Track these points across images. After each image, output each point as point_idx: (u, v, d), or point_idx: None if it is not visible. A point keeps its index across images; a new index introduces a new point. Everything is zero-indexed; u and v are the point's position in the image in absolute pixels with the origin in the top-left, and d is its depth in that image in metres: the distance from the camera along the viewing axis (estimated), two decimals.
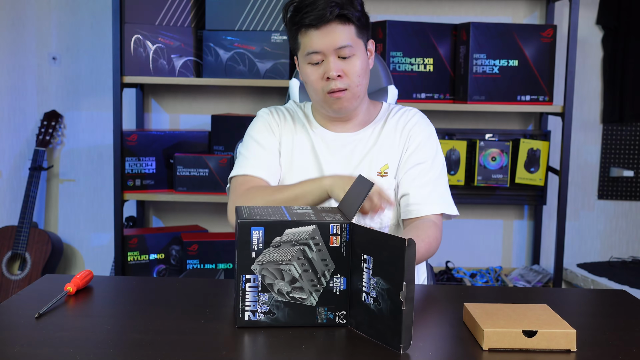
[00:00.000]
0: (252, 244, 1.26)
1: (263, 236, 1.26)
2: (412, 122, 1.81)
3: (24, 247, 3.22)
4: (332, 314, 1.29)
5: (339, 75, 1.68)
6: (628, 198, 3.49)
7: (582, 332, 1.26)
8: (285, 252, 1.27)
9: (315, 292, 1.28)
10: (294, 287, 1.28)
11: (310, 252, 1.27)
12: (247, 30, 3.00)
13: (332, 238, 1.27)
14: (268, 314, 1.28)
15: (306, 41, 1.69)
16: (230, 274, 3.02)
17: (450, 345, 1.23)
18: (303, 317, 1.29)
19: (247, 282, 1.27)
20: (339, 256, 1.28)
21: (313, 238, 1.27)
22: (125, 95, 3.32)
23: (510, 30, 3.04)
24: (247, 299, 1.27)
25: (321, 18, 1.65)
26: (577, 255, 3.51)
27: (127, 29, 2.97)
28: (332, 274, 1.28)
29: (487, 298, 1.55)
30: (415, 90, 3.08)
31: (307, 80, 1.73)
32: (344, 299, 1.29)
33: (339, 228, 1.27)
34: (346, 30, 1.67)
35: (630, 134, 3.45)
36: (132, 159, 3.07)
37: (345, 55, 1.68)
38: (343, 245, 1.28)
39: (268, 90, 3.33)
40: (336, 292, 1.29)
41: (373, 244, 1.23)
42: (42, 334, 1.23)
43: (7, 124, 3.41)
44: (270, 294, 1.27)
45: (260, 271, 1.27)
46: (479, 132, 3.25)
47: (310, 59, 1.70)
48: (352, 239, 1.27)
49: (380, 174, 1.77)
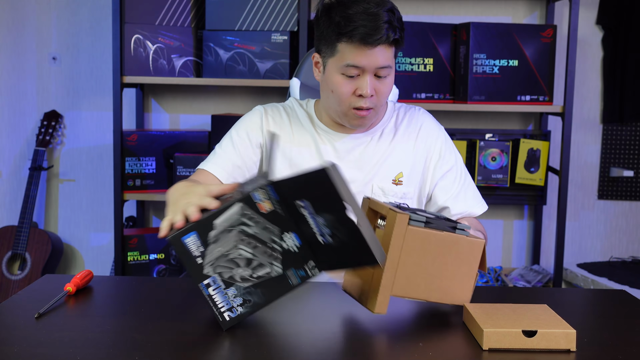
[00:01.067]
0: (192, 253, 1.24)
1: (198, 239, 1.24)
2: (425, 128, 1.79)
3: (24, 247, 3.22)
4: (302, 271, 1.28)
5: (372, 95, 1.64)
6: (628, 198, 3.49)
7: (582, 332, 1.26)
8: (226, 241, 1.25)
9: (275, 260, 1.27)
10: (253, 267, 1.26)
11: (249, 228, 1.25)
12: (247, 30, 3.00)
13: (261, 205, 1.25)
14: (244, 304, 1.27)
15: (348, 53, 1.60)
16: None
17: (450, 345, 1.23)
18: (278, 288, 1.28)
19: (209, 287, 1.26)
20: (278, 217, 1.26)
21: (244, 215, 1.24)
22: (125, 95, 3.32)
23: (510, 30, 3.04)
24: (218, 302, 1.26)
25: (375, 38, 1.57)
26: (577, 255, 3.51)
27: (127, 28, 2.97)
28: (281, 236, 1.26)
29: (487, 298, 1.55)
30: (415, 90, 3.08)
31: (335, 89, 1.65)
32: (304, 251, 1.27)
33: (264, 193, 1.24)
34: (389, 52, 1.63)
35: (630, 134, 3.45)
36: (132, 159, 3.07)
37: (382, 75, 1.63)
38: (276, 206, 1.25)
39: (268, 90, 3.33)
40: (294, 250, 1.27)
41: (301, 188, 1.21)
42: (42, 334, 1.23)
43: (7, 124, 3.41)
44: (235, 285, 1.26)
45: (215, 271, 1.26)
46: (479, 132, 3.24)
47: (346, 71, 1.62)
48: (281, 195, 1.25)
49: (395, 182, 1.73)
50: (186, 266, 1.25)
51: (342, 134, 1.75)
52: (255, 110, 1.81)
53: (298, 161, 1.74)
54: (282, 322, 1.35)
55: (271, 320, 1.35)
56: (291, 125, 1.78)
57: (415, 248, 1.29)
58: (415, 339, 1.24)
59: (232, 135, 1.77)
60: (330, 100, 1.69)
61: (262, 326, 1.31)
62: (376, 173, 1.73)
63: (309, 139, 1.76)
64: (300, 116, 1.80)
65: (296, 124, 1.78)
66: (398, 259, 1.28)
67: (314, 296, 1.56)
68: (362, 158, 1.74)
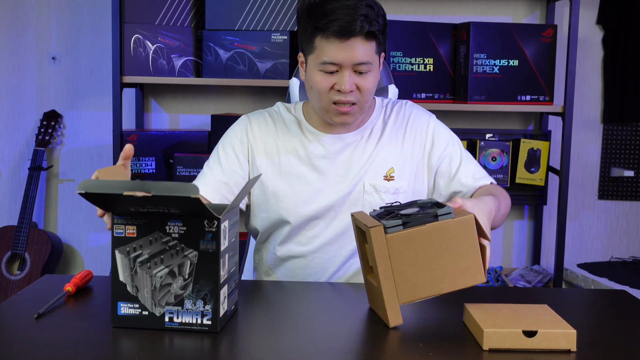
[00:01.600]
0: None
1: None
2: (413, 119, 1.78)
3: (23, 247, 3.22)
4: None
5: (351, 90, 1.62)
6: (628, 198, 3.48)
7: (582, 332, 1.25)
8: (141, 282, 1.26)
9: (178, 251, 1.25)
10: (179, 272, 1.25)
11: (142, 257, 1.26)
12: (247, 30, 3.00)
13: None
14: (206, 300, 1.25)
15: (325, 49, 1.60)
16: None
17: (450, 345, 1.23)
18: (209, 268, 1.26)
19: (172, 319, 1.25)
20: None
21: (127, 253, 1.26)
22: (125, 95, 3.32)
23: (511, 30, 3.04)
24: (189, 321, 1.25)
25: (348, 31, 1.57)
26: (577, 255, 3.51)
27: (127, 28, 2.97)
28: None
29: (487, 298, 1.54)
30: (415, 90, 3.08)
31: (314, 86, 1.64)
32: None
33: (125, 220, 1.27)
34: (368, 47, 1.61)
35: (631, 134, 3.44)
36: (132, 158, 3.07)
37: (362, 70, 1.62)
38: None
39: (268, 90, 3.33)
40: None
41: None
42: (41, 334, 1.23)
43: (7, 124, 3.41)
44: (184, 297, 1.25)
45: (162, 304, 1.25)
46: (479, 132, 3.24)
47: (324, 68, 1.61)
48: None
49: (386, 178, 1.72)
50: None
51: (331, 134, 1.73)
52: (240, 121, 1.78)
53: (287, 169, 1.72)
54: (282, 322, 1.35)
55: (271, 321, 1.35)
56: (277, 132, 1.75)
57: (403, 252, 1.26)
58: (415, 339, 1.24)
59: (219, 152, 1.75)
60: (314, 98, 1.68)
61: (262, 326, 1.31)
62: (367, 171, 1.72)
63: (296, 144, 1.73)
64: (287, 121, 1.77)
65: (282, 130, 1.76)
66: (390, 270, 1.26)
67: (313, 296, 1.56)
68: (353, 157, 1.73)
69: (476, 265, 1.30)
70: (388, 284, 1.26)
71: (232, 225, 1.30)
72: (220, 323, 1.25)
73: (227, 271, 1.28)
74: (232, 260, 1.31)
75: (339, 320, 1.36)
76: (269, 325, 1.32)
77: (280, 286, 1.64)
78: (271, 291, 1.59)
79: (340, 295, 1.57)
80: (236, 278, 1.36)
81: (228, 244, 1.28)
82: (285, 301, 1.52)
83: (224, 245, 1.26)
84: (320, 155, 1.72)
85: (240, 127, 1.76)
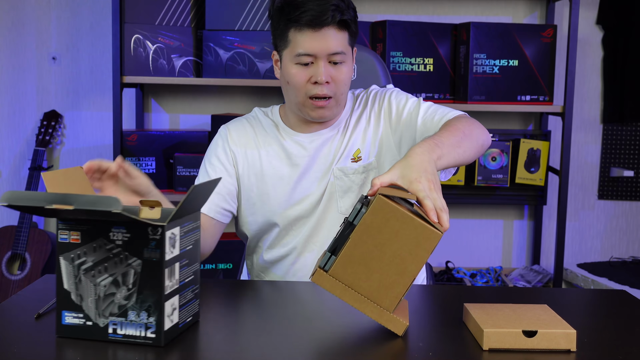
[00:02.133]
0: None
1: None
2: (372, 95, 1.77)
3: (23, 247, 3.22)
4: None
5: (327, 81, 1.63)
6: (628, 198, 3.48)
7: (582, 332, 1.26)
8: (85, 290, 1.21)
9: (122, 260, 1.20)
10: (123, 282, 1.19)
11: (86, 264, 1.21)
12: (247, 30, 3.00)
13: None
14: (150, 312, 1.19)
15: (298, 41, 1.62)
16: (229, 274, 3.02)
17: (450, 345, 1.23)
18: (152, 278, 1.20)
19: (115, 331, 1.19)
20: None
21: (72, 260, 1.21)
22: (125, 95, 3.32)
23: (510, 30, 3.04)
24: (133, 333, 1.19)
25: (320, 20, 1.59)
26: (577, 255, 3.51)
27: (127, 28, 2.97)
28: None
29: (487, 298, 1.55)
30: (415, 90, 3.08)
31: (290, 80, 1.65)
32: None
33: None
34: (341, 37, 1.63)
35: (630, 134, 3.44)
36: (132, 159, 3.07)
37: (337, 61, 1.63)
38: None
39: (268, 90, 3.33)
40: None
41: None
42: (41, 334, 1.23)
43: (7, 124, 3.41)
44: (128, 307, 1.19)
45: (105, 314, 1.20)
46: None
47: (299, 60, 1.63)
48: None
49: (354, 159, 1.72)
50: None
51: (308, 133, 1.74)
52: (220, 133, 1.79)
53: (270, 172, 1.73)
54: (281, 321, 1.35)
55: (270, 321, 1.35)
56: (257, 137, 1.76)
57: (353, 272, 1.23)
58: (415, 339, 1.24)
59: (206, 166, 1.77)
60: (289, 93, 1.69)
61: (262, 326, 1.31)
62: (338, 160, 1.72)
63: (276, 147, 1.74)
64: (265, 125, 1.78)
65: (262, 135, 1.76)
66: (357, 294, 1.24)
67: (313, 296, 1.55)
68: (330, 152, 1.73)
69: (422, 229, 1.21)
70: (366, 307, 1.24)
71: (188, 232, 1.24)
72: (165, 337, 1.18)
73: (179, 281, 1.21)
74: (187, 269, 1.24)
75: (339, 320, 1.36)
76: (268, 324, 1.32)
77: (272, 286, 1.64)
78: (259, 292, 1.59)
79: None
80: (195, 288, 1.28)
81: (180, 252, 1.21)
82: (285, 300, 1.52)
83: (172, 253, 1.18)
84: (300, 154, 1.73)
85: (221, 138, 1.78)
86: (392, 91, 1.79)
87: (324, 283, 1.24)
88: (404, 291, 1.24)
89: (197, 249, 1.27)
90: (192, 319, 1.28)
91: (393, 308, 1.24)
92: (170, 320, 1.19)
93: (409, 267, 1.23)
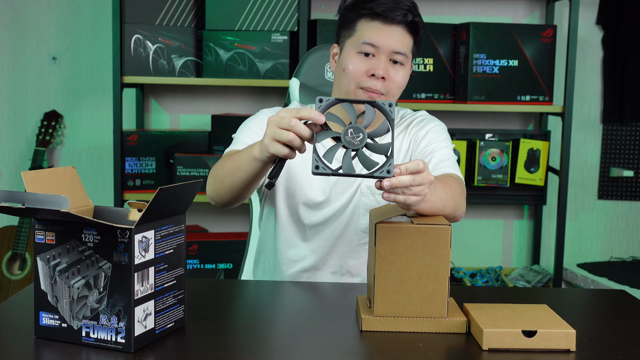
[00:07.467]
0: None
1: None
2: (418, 119, 1.77)
3: (24, 247, 3.22)
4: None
5: (384, 77, 1.62)
6: (628, 198, 3.49)
7: (582, 332, 1.26)
8: (60, 292, 1.20)
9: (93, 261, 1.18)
10: (95, 285, 1.17)
11: (60, 265, 1.20)
12: (247, 30, 3.00)
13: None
14: (120, 317, 1.16)
15: (367, 30, 1.62)
16: (230, 274, 3.02)
17: (450, 345, 1.23)
18: (122, 282, 1.17)
19: (88, 335, 1.18)
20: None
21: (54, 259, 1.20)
22: (125, 95, 3.32)
23: (510, 30, 3.04)
24: (104, 337, 1.17)
25: (394, 14, 1.60)
26: (577, 255, 3.51)
27: (127, 29, 2.97)
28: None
29: (487, 298, 1.55)
30: (415, 90, 3.08)
31: (346, 67, 1.63)
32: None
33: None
34: (407, 39, 1.65)
35: (630, 134, 3.45)
36: (132, 159, 3.07)
37: (398, 60, 1.64)
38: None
39: (268, 90, 3.33)
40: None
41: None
42: None
43: (7, 124, 3.41)
44: (99, 310, 1.17)
45: (79, 317, 1.18)
46: (479, 132, 3.24)
47: (362, 49, 1.62)
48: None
49: None
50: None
51: None
52: (262, 113, 1.77)
53: (301, 169, 1.70)
54: (281, 321, 1.35)
55: (270, 321, 1.35)
56: None
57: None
58: (415, 339, 1.24)
59: (251, 127, 1.73)
60: (341, 81, 1.66)
61: (261, 326, 1.31)
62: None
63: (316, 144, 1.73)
64: None
65: None
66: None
67: (313, 296, 1.55)
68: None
69: (430, 231, 1.26)
70: (423, 326, 1.28)
71: (167, 236, 1.21)
72: (137, 343, 1.16)
73: (153, 286, 1.18)
74: (167, 274, 1.21)
75: (338, 320, 1.36)
76: (268, 324, 1.32)
77: (273, 286, 1.64)
78: (260, 292, 1.59)
79: (341, 295, 1.57)
80: (179, 293, 1.25)
81: (156, 256, 1.18)
82: (285, 301, 1.52)
83: (143, 257, 1.16)
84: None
85: (270, 111, 1.76)
86: (437, 125, 1.76)
87: (375, 327, 1.28)
88: (446, 293, 1.27)
89: (180, 253, 1.25)
90: (175, 325, 1.25)
91: (445, 313, 1.27)
92: (142, 326, 1.17)
93: (439, 270, 1.27)
